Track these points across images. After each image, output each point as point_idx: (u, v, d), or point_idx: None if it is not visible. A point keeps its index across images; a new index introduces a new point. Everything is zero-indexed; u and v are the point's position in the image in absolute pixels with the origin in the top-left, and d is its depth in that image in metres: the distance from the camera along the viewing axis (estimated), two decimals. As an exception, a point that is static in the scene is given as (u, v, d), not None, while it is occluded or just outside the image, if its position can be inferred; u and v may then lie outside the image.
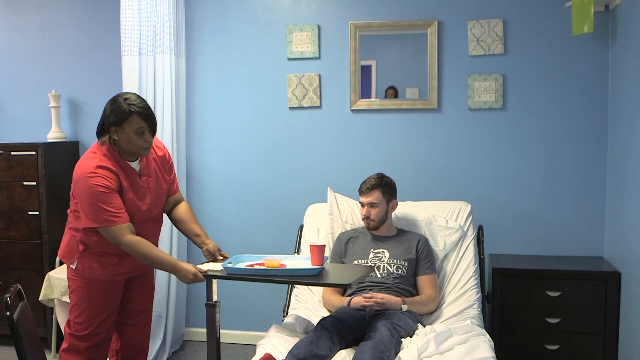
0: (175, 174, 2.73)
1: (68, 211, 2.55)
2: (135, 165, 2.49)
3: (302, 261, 2.55)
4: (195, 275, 2.39)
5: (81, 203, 2.36)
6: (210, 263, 2.55)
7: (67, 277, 2.58)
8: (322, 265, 2.43)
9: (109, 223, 2.33)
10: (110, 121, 2.37)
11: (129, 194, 2.43)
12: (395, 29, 3.49)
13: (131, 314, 2.69)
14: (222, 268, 2.44)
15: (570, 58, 3.33)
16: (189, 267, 2.40)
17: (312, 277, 2.39)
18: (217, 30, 3.73)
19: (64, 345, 2.57)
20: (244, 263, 2.53)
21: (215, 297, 2.47)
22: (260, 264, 2.49)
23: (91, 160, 2.37)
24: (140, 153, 2.45)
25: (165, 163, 2.63)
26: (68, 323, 2.57)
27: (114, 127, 2.37)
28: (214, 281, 2.46)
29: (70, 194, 2.50)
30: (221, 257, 2.62)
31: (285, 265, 2.47)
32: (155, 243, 2.66)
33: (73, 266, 2.52)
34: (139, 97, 2.42)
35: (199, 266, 2.47)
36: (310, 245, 2.46)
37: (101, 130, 2.42)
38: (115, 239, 2.35)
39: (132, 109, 2.35)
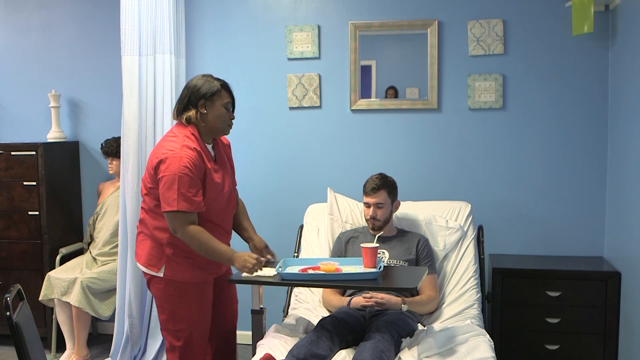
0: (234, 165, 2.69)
1: (143, 213, 2.45)
2: (210, 149, 2.47)
3: (354, 264, 2.52)
4: (257, 260, 2.31)
5: (162, 184, 2.28)
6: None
7: (153, 288, 2.46)
8: (375, 266, 2.42)
9: (180, 206, 2.24)
10: (200, 94, 2.38)
11: (214, 175, 2.38)
12: (395, 29, 3.48)
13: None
14: (275, 273, 2.38)
15: (570, 58, 3.33)
16: (247, 253, 2.34)
17: (372, 282, 2.35)
18: (217, 30, 3.73)
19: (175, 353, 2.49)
20: (294, 267, 2.49)
21: (261, 303, 2.43)
22: (313, 268, 2.45)
23: (174, 143, 2.33)
24: (224, 131, 2.47)
25: (230, 152, 2.64)
26: (169, 334, 2.48)
27: (203, 101, 2.39)
28: (261, 286, 2.41)
29: (143, 192, 2.42)
30: (268, 255, 2.57)
31: (341, 270, 2.42)
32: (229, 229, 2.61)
33: (160, 273, 2.40)
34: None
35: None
36: (362, 247, 2.44)
37: (186, 106, 2.40)
38: (177, 224, 2.27)
39: (222, 83, 2.42)
